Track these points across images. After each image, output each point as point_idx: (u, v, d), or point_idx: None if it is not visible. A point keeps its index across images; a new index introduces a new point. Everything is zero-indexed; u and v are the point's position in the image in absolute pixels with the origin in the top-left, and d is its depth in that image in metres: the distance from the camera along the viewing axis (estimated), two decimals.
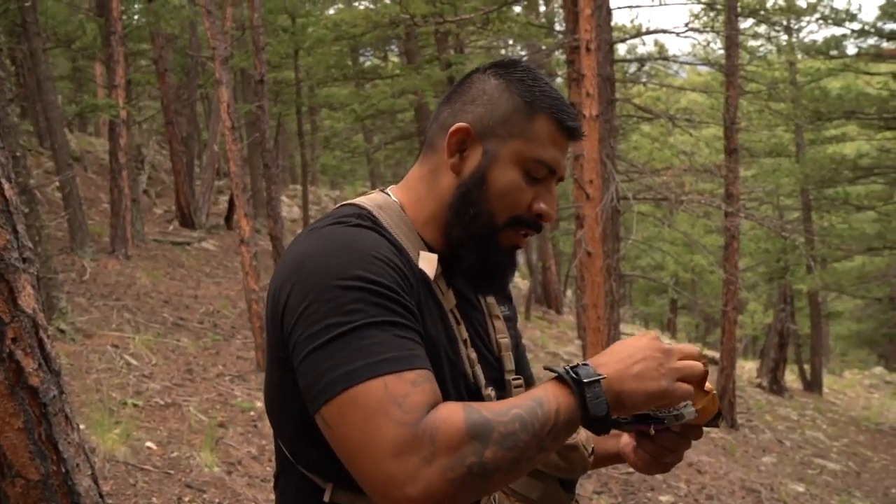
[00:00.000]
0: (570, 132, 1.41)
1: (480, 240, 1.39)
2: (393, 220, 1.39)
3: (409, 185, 1.46)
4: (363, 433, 1.14)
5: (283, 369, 1.29)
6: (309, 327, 1.20)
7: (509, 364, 1.52)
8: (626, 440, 1.53)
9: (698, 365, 1.29)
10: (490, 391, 1.41)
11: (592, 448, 1.51)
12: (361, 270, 1.22)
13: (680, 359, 1.28)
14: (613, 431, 1.54)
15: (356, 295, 1.20)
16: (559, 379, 1.24)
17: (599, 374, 1.22)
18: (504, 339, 1.52)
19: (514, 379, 1.52)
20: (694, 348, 1.32)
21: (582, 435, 1.47)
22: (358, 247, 1.26)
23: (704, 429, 1.42)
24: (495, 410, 1.18)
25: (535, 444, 1.18)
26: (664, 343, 1.29)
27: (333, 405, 1.16)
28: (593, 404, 1.21)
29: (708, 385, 1.36)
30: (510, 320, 1.60)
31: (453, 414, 1.15)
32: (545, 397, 1.21)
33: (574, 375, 1.22)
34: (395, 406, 1.14)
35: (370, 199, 1.43)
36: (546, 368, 1.28)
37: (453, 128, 1.39)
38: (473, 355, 1.41)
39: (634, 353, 1.26)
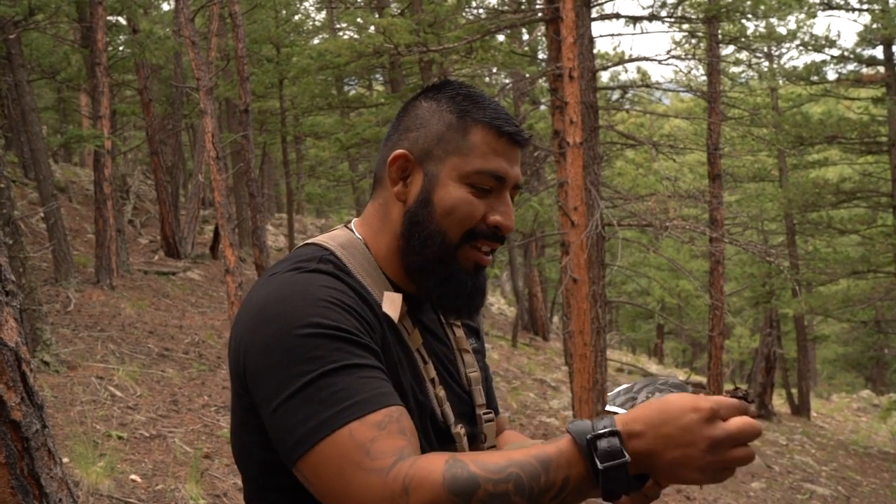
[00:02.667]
0: (510, 137, 1.38)
1: (438, 261, 1.36)
2: (356, 259, 1.38)
3: (366, 221, 1.44)
4: (339, 486, 1.12)
5: (246, 414, 1.29)
6: (273, 379, 1.19)
7: (480, 398, 1.50)
8: None
9: (751, 452, 1.09)
10: (460, 428, 1.40)
11: None
12: (318, 317, 1.21)
13: (734, 445, 1.08)
14: None
15: (315, 342, 1.19)
16: (577, 444, 1.11)
17: (625, 458, 1.08)
18: (474, 373, 1.51)
19: (484, 413, 1.50)
20: (755, 425, 1.09)
21: None
22: (313, 293, 1.24)
23: None
24: (488, 466, 1.10)
25: None
26: (717, 427, 1.08)
27: (307, 461, 1.16)
28: (610, 487, 1.09)
29: None
30: (478, 353, 1.58)
31: (432, 466, 1.10)
32: (555, 462, 1.11)
33: (596, 449, 1.09)
34: (363, 454, 1.12)
35: (333, 238, 1.41)
36: (568, 430, 1.13)
37: (391, 157, 1.38)
38: (442, 393, 1.39)
39: (679, 433, 1.08)
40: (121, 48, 15.34)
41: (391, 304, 1.33)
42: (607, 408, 1.43)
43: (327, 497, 1.15)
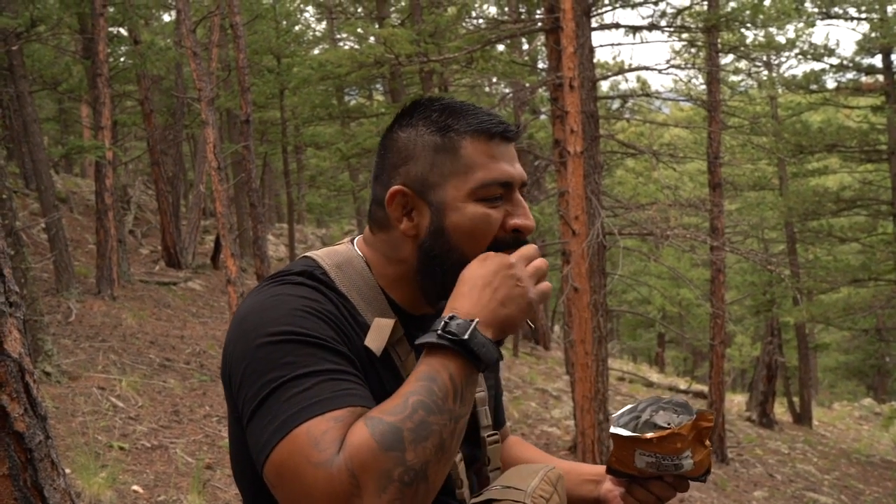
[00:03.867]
0: (501, 135, 1.33)
1: None
2: (351, 279, 1.35)
3: (373, 246, 1.40)
4: (296, 486, 1.11)
5: (237, 426, 1.29)
6: (249, 388, 1.19)
7: (485, 420, 1.47)
8: (608, 486, 1.53)
9: (543, 261, 1.29)
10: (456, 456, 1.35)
11: None
12: (291, 325, 1.21)
13: (524, 262, 1.27)
14: (591, 477, 1.56)
15: (288, 348, 1.19)
16: (438, 346, 1.19)
17: (472, 322, 1.20)
18: (480, 394, 1.47)
19: (489, 436, 1.47)
20: (530, 246, 1.31)
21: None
22: (290, 302, 1.24)
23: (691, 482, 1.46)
24: (396, 409, 1.13)
25: (448, 418, 1.14)
26: (506, 257, 1.27)
27: (269, 466, 1.14)
28: (483, 352, 1.19)
29: (707, 441, 1.41)
30: (491, 370, 1.54)
31: (359, 435, 1.10)
32: (433, 371, 1.17)
33: (451, 336, 1.18)
34: (313, 448, 1.10)
35: (331, 254, 1.39)
36: (417, 343, 1.22)
37: (387, 196, 1.33)
38: None
39: (489, 280, 1.24)
40: (122, 59, 15.39)
41: (378, 333, 1.29)
42: (612, 430, 1.43)
43: (289, 502, 1.13)
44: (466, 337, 1.17)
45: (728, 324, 14.34)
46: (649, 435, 1.38)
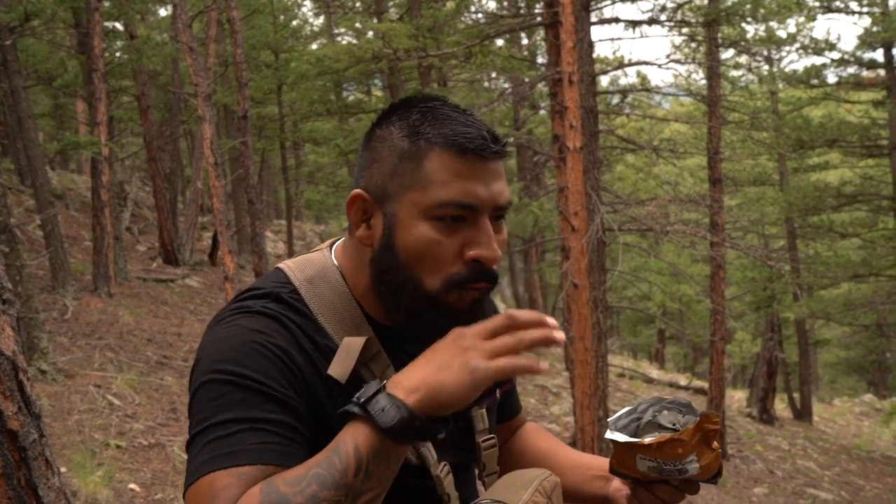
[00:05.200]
0: (475, 152, 1.19)
1: (414, 309, 1.23)
2: (322, 296, 1.27)
3: (347, 251, 1.32)
4: None
5: None
6: (190, 421, 1.18)
7: (480, 424, 1.40)
8: (617, 485, 1.47)
9: (524, 336, 1.08)
10: (442, 468, 1.29)
11: None
12: (234, 364, 1.15)
13: (498, 335, 1.09)
14: (601, 472, 1.50)
15: (223, 389, 1.14)
16: (351, 413, 1.10)
17: (381, 383, 1.09)
18: None
19: (484, 440, 1.40)
20: (530, 314, 1.11)
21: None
22: (241, 336, 1.18)
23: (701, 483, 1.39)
24: (294, 479, 1.06)
25: (345, 494, 1.06)
26: (463, 328, 1.11)
27: (185, 500, 1.13)
28: (381, 417, 1.06)
29: (714, 444, 1.33)
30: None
31: (250, 500, 1.06)
32: (341, 441, 1.09)
33: (357, 400, 1.09)
34: (210, 502, 1.08)
35: (304, 266, 1.31)
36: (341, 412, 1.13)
37: (348, 199, 1.26)
38: None
39: (436, 347, 1.11)
40: (118, 54, 15.28)
41: (344, 356, 1.21)
42: (608, 435, 1.35)
43: None
44: (364, 400, 1.08)
45: (728, 320, 14.29)
46: (648, 440, 1.30)
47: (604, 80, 21.82)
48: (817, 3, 16.20)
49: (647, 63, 11.89)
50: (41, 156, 11.58)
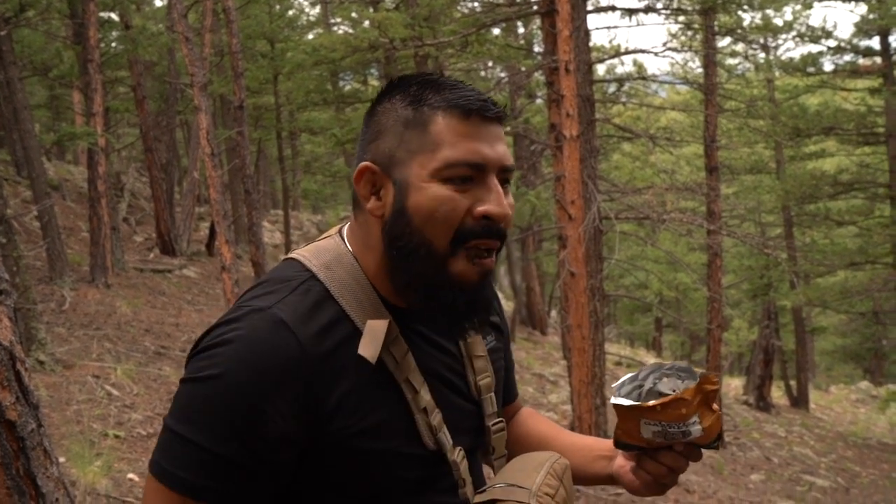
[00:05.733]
0: (479, 112, 1.24)
1: (425, 274, 1.23)
2: (342, 279, 1.28)
3: (355, 234, 1.33)
4: None
5: None
6: (175, 403, 1.23)
7: (490, 407, 1.41)
8: (620, 462, 1.48)
9: None
10: (458, 453, 1.31)
11: None
12: (223, 385, 1.16)
13: None
14: (604, 452, 1.52)
15: (197, 405, 1.18)
16: None
17: None
18: (485, 380, 1.41)
19: (494, 424, 1.42)
20: None
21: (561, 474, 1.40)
22: (241, 355, 1.17)
23: (703, 451, 1.40)
24: None
25: None
26: None
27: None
28: None
29: (715, 406, 1.34)
30: (497, 351, 1.49)
31: None
32: None
33: None
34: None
35: (319, 253, 1.31)
36: None
37: (356, 172, 1.27)
38: (437, 420, 1.28)
39: None
40: (113, 44, 15.25)
41: (371, 338, 1.22)
42: (612, 401, 1.36)
43: None
44: None
45: (725, 308, 14.31)
46: (652, 403, 1.32)
47: (600, 69, 21.83)
48: None
49: (643, 51, 11.85)
50: (37, 147, 11.56)
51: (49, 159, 19.46)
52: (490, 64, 20.79)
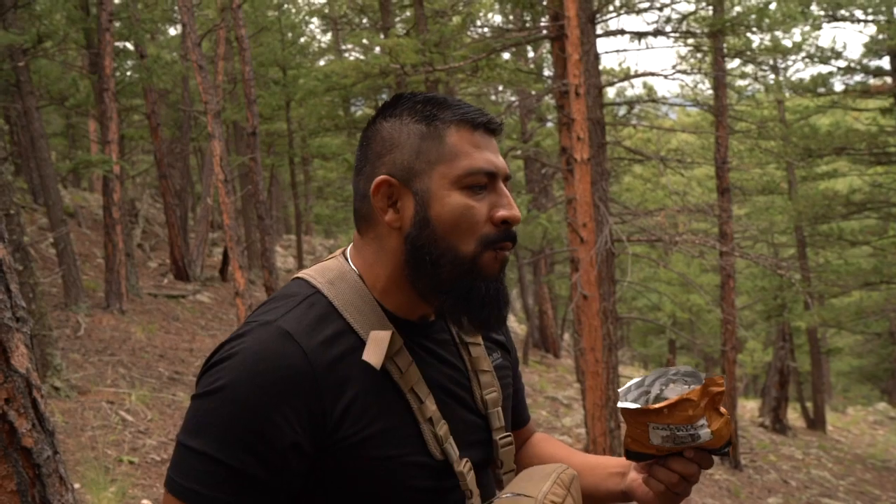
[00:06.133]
0: (485, 126, 1.33)
1: (456, 278, 1.29)
2: (346, 296, 1.32)
3: (360, 253, 1.37)
4: None
5: None
6: (186, 419, 1.24)
7: (497, 422, 1.43)
8: (633, 476, 1.49)
9: None
10: (464, 464, 1.33)
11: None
12: (232, 405, 1.19)
13: None
14: (616, 469, 1.54)
15: (209, 420, 1.20)
16: None
17: None
18: (492, 395, 1.43)
19: (501, 438, 1.44)
20: None
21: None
22: (250, 370, 1.20)
23: (714, 457, 1.41)
24: None
25: None
26: None
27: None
28: None
29: (723, 409, 1.36)
30: (504, 368, 1.51)
31: None
32: None
33: None
34: None
35: (323, 272, 1.36)
36: None
37: (373, 186, 1.31)
38: (443, 431, 1.31)
39: None
40: (128, 73, 15.43)
41: (376, 347, 1.25)
42: (619, 405, 1.38)
43: None
44: None
45: (739, 329, 14.25)
46: (658, 405, 1.33)
47: (610, 92, 21.90)
48: (822, 12, 16.20)
49: (653, 74, 11.88)
50: (54, 174, 11.69)
51: (65, 186, 19.65)
52: (500, 88, 20.91)
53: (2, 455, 2.50)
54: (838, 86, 17.73)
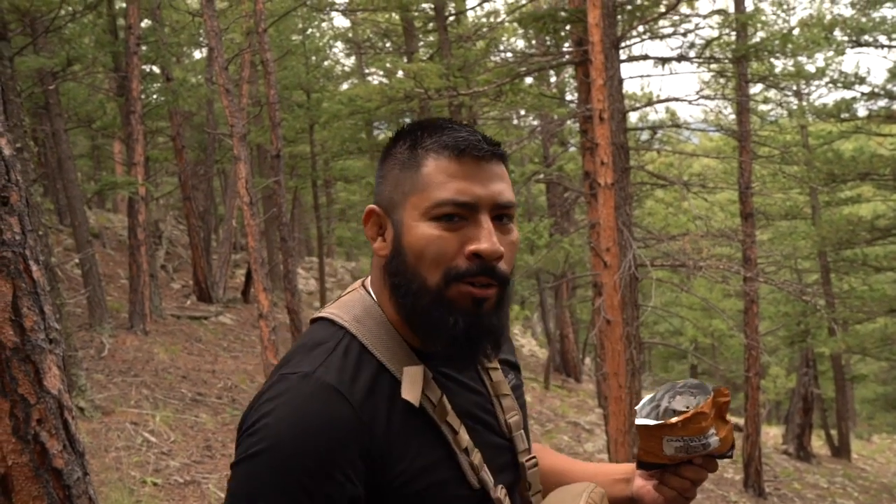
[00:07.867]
0: (469, 152, 1.26)
1: (422, 310, 1.25)
2: (373, 331, 1.31)
3: (374, 281, 1.37)
4: None
5: None
6: (233, 490, 1.19)
7: (522, 444, 1.44)
8: (639, 482, 1.52)
9: None
10: (500, 490, 1.33)
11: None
12: (298, 455, 1.16)
13: None
14: (621, 476, 1.57)
15: (256, 484, 1.16)
16: None
17: None
18: (514, 418, 1.44)
19: (527, 460, 1.44)
20: None
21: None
22: (299, 424, 1.17)
23: (720, 461, 1.50)
24: None
25: None
26: None
27: None
28: None
29: (727, 417, 1.44)
30: (519, 388, 1.52)
31: None
32: None
33: None
34: None
35: (349, 308, 1.34)
36: None
37: (364, 215, 1.34)
38: (477, 459, 1.31)
39: None
40: (154, 96, 15.62)
41: (411, 383, 1.25)
42: (637, 421, 1.44)
43: None
44: None
45: (762, 355, 14.12)
46: (674, 420, 1.39)
47: (633, 117, 21.89)
48: (846, 38, 16.14)
49: (676, 99, 11.90)
50: (80, 196, 11.82)
51: (90, 207, 19.84)
52: (523, 112, 20.96)
53: (33, 476, 2.52)
54: (862, 111, 17.62)
